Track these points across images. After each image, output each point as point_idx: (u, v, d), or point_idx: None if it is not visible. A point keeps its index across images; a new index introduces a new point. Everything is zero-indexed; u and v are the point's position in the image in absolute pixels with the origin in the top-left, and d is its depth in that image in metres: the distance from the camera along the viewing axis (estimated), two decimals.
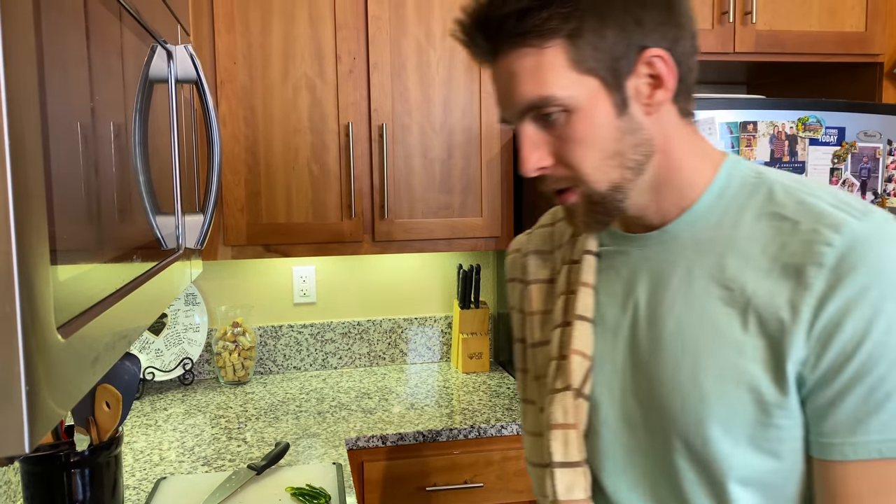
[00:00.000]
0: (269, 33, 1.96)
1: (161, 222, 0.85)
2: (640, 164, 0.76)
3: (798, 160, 1.87)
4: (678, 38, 0.74)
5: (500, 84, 0.77)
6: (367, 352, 2.47)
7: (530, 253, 0.99)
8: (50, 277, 0.42)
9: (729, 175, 0.80)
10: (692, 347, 0.77)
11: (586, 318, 0.85)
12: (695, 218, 0.79)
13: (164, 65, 0.88)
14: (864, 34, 2.12)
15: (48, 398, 0.41)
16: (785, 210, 0.75)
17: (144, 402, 2.15)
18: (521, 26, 0.71)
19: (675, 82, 0.74)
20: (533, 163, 0.76)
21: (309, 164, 2.02)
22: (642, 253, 0.83)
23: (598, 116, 0.73)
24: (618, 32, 0.72)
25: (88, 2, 0.57)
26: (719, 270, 0.76)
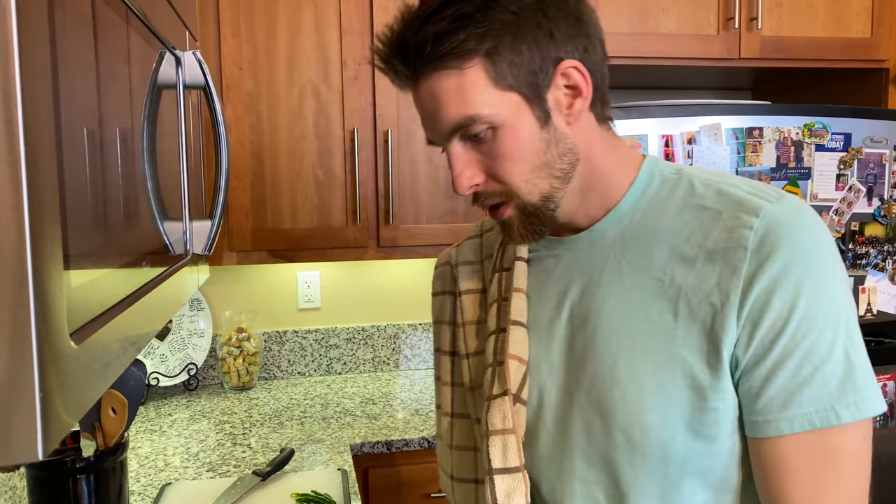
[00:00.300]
0: (274, 39, 1.97)
1: (169, 228, 0.85)
2: (567, 172, 0.79)
3: (804, 166, 1.86)
4: (588, 47, 0.77)
5: (425, 107, 0.78)
6: (371, 357, 2.47)
7: (460, 264, 1.00)
8: (63, 283, 0.42)
9: (650, 173, 0.83)
10: (627, 340, 0.78)
11: (521, 322, 0.86)
12: (620, 216, 0.82)
13: (172, 71, 0.88)
14: (870, 40, 2.12)
15: (60, 406, 0.41)
16: (706, 201, 0.79)
17: (149, 408, 2.15)
18: (439, 49, 0.73)
19: (590, 91, 0.77)
20: (465, 181, 0.78)
21: (314, 170, 2.02)
22: (572, 254, 0.86)
23: (522, 130, 0.75)
24: (533, 47, 0.74)
25: (99, 8, 0.57)
26: (648, 263, 0.79)
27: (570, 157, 0.78)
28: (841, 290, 0.74)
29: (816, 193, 1.89)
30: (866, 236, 1.95)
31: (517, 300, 0.87)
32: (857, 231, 1.94)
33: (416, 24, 0.74)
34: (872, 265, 1.96)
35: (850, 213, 1.93)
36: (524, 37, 0.74)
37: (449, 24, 0.72)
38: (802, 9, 2.09)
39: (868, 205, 1.94)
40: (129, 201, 0.67)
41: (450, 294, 1.01)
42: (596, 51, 0.79)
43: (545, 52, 0.75)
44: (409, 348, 2.49)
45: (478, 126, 0.75)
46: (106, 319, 0.52)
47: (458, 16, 0.73)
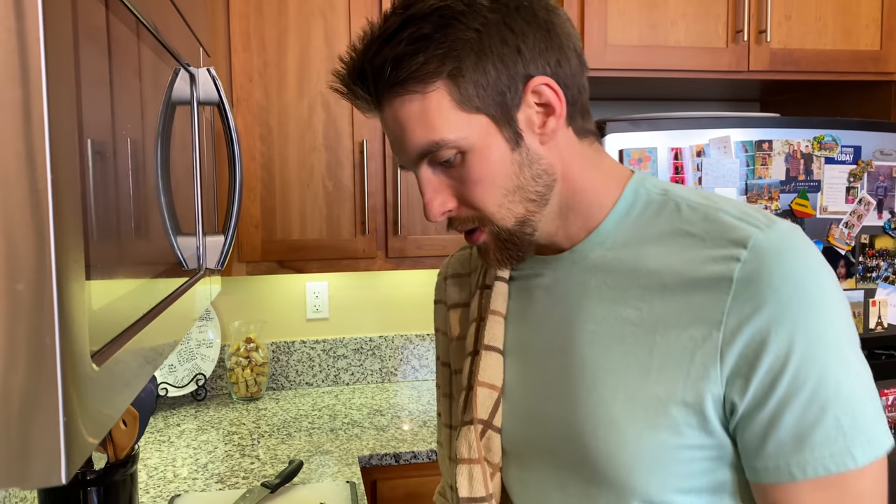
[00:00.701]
0: (284, 51, 1.98)
1: (182, 243, 0.85)
2: (543, 194, 0.75)
3: (814, 179, 1.86)
4: (561, 60, 0.73)
5: (390, 132, 0.76)
6: (379, 368, 2.47)
7: (449, 276, 0.98)
8: (86, 307, 0.42)
9: (635, 193, 0.79)
10: (603, 372, 0.74)
11: (494, 347, 0.83)
12: (602, 237, 0.78)
13: (186, 87, 0.88)
14: (880, 52, 2.12)
15: (83, 428, 0.41)
16: (691, 227, 0.74)
17: (157, 418, 2.15)
18: (399, 74, 0.70)
19: (564, 107, 0.73)
20: (437, 208, 0.75)
21: (323, 181, 2.03)
22: (553, 275, 0.82)
23: (492, 154, 0.72)
24: (499, 66, 0.70)
25: (114, 25, 0.57)
26: (627, 290, 0.75)
27: (546, 178, 0.75)
28: (841, 323, 0.69)
29: (826, 206, 1.88)
30: (876, 249, 1.94)
31: (493, 323, 0.84)
32: (868, 244, 1.93)
33: (375, 47, 0.71)
34: (883, 278, 1.95)
35: (861, 225, 1.92)
36: (489, 55, 0.70)
37: (407, 47, 0.69)
38: (811, 21, 2.09)
39: (878, 217, 1.94)
40: (145, 218, 0.67)
41: (442, 304, 0.99)
42: (570, 63, 0.74)
43: (513, 70, 0.71)
44: (416, 359, 2.49)
45: (445, 152, 0.72)
46: (125, 339, 0.52)
47: (417, 37, 0.69)
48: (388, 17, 0.73)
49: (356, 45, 0.74)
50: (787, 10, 2.08)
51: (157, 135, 0.76)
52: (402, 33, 0.70)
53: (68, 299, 0.39)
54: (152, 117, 0.73)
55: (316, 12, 1.98)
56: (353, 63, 0.73)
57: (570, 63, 0.74)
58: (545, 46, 0.72)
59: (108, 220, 0.52)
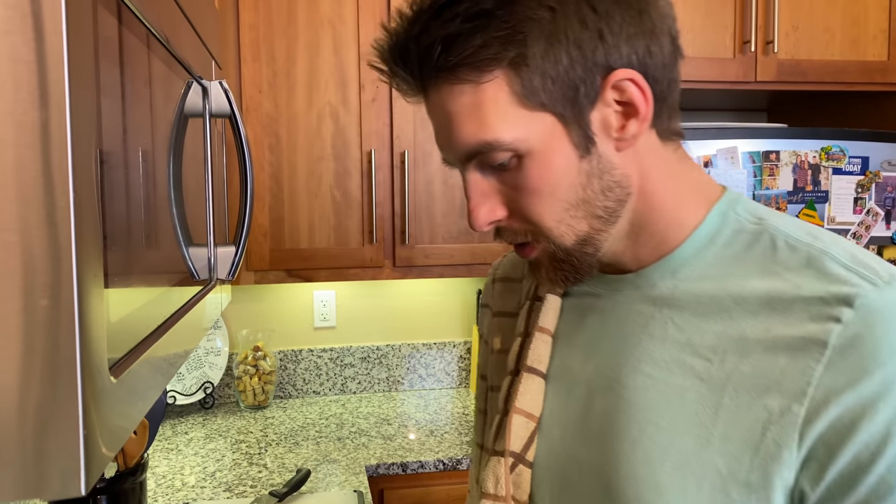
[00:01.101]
0: (294, 62, 1.99)
1: (194, 254, 0.86)
2: (613, 210, 0.63)
3: (821, 189, 1.86)
4: (651, 47, 0.60)
5: (436, 122, 0.64)
6: (385, 377, 2.47)
7: (498, 279, 0.87)
8: (104, 320, 0.43)
9: (723, 217, 0.66)
10: (652, 426, 0.62)
11: (537, 371, 0.72)
12: (676, 266, 0.66)
13: (199, 100, 0.89)
14: (887, 63, 2.12)
15: (101, 440, 0.42)
16: (787, 269, 0.61)
17: (166, 426, 2.16)
18: (449, 58, 0.58)
19: (651, 108, 0.60)
20: (483, 216, 0.64)
21: (332, 191, 2.04)
22: (612, 299, 0.70)
23: (556, 160, 0.60)
24: (574, 54, 0.57)
25: (129, 40, 0.58)
26: (698, 335, 0.63)
27: (618, 192, 0.62)
28: None
29: (834, 217, 1.88)
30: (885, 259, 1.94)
31: (539, 342, 0.73)
32: (876, 254, 1.93)
33: (423, 20, 0.58)
34: None
35: (869, 236, 1.92)
36: (562, 40, 0.57)
37: (462, 24, 0.56)
38: (818, 32, 2.10)
39: (886, 228, 1.94)
40: (157, 230, 0.68)
41: (489, 309, 0.88)
42: (662, 50, 0.60)
43: (591, 60, 0.58)
44: (423, 368, 2.49)
45: (498, 154, 0.60)
46: (141, 350, 0.53)
47: (475, 13, 0.56)
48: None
49: (402, 12, 0.61)
50: (795, 21, 2.08)
51: (170, 147, 0.77)
52: (458, 6, 0.57)
53: (88, 313, 0.39)
54: (165, 129, 0.74)
55: (325, 22, 2.00)
56: (396, 39, 0.61)
57: (663, 51, 0.61)
58: (634, 31, 0.59)
59: (124, 232, 0.53)
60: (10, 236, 0.36)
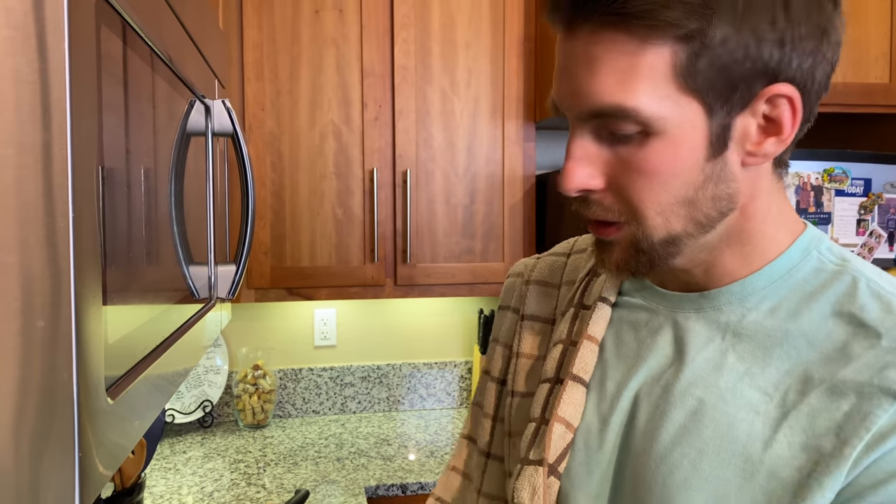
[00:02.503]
0: (297, 81, 2.00)
1: (194, 273, 0.86)
2: (713, 220, 0.60)
3: (824, 211, 1.86)
4: (817, 72, 0.56)
5: (570, 65, 0.58)
6: (386, 396, 2.46)
7: (533, 282, 0.83)
8: (102, 341, 0.43)
9: (804, 252, 0.64)
10: (696, 452, 0.60)
11: (581, 380, 0.69)
12: (747, 293, 0.63)
13: (201, 118, 0.89)
14: (889, 86, 2.13)
15: (97, 462, 0.41)
16: (867, 314, 0.58)
17: (164, 445, 2.14)
18: (627, 5, 0.53)
19: (795, 132, 0.57)
20: (578, 180, 0.59)
21: (333, 209, 2.04)
22: (669, 317, 0.67)
23: (684, 151, 0.56)
24: (751, 50, 0.54)
25: (131, 58, 0.58)
26: (760, 368, 0.60)
27: (726, 204, 0.59)
28: None
29: (837, 238, 1.88)
30: None
31: (586, 351, 0.70)
32: None
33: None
34: None
35: (872, 258, 1.92)
36: (746, 32, 0.53)
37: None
38: None
39: (889, 250, 1.93)
40: (158, 248, 0.68)
41: (514, 312, 0.84)
42: (823, 79, 0.58)
43: (762, 62, 0.54)
44: (424, 388, 2.48)
45: (628, 125, 0.56)
46: (139, 371, 0.53)
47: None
48: None
49: None
50: None
51: (172, 166, 0.77)
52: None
53: (86, 334, 0.39)
54: (167, 148, 0.74)
55: (329, 42, 2.01)
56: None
57: (823, 80, 0.58)
58: (812, 48, 0.55)
59: (124, 252, 0.53)
60: (9, 257, 0.36)
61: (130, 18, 0.53)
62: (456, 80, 2.08)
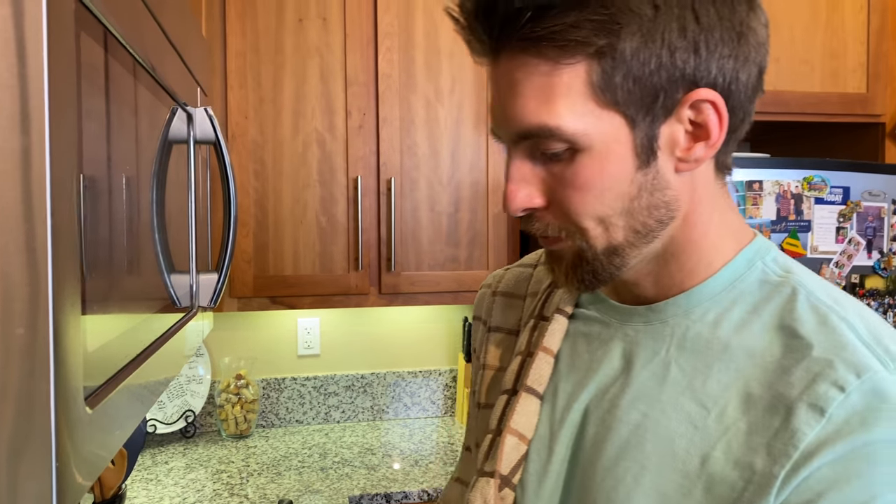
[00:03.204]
0: (280, 89, 2.00)
1: (175, 281, 0.85)
2: (652, 229, 0.60)
3: (804, 219, 1.88)
4: (740, 74, 0.57)
5: (498, 91, 0.60)
6: (370, 405, 2.45)
7: (499, 294, 0.84)
8: (81, 349, 0.42)
9: (749, 263, 0.64)
10: (637, 466, 0.61)
11: (535, 391, 0.70)
12: (692, 305, 0.63)
13: (183, 126, 0.89)
14: (867, 95, 2.16)
15: (76, 471, 0.41)
16: (802, 327, 0.58)
17: (146, 455, 2.12)
18: (535, 29, 0.54)
19: (723, 136, 0.57)
20: (520, 201, 0.61)
21: (317, 217, 2.04)
22: (619, 329, 0.68)
23: (612, 164, 0.57)
24: (666, 60, 0.54)
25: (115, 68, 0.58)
26: (701, 381, 0.60)
27: (664, 212, 0.60)
28: None
29: (817, 246, 1.90)
30: (867, 289, 1.95)
31: (541, 363, 0.70)
32: (858, 283, 1.95)
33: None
34: None
35: (851, 265, 1.94)
36: (658, 42, 0.54)
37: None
38: (799, 65, 2.13)
39: (868, 257, 1.95)
40: (139, 256, 0.67)
41: (483, 324, 0.85)
42: (750, 80, 0.58)
43: (679, 70, 0.55)
44: (408, 396, 2.47)
45: (555, 143, 0.57)
46: (119, 380, 0.52)
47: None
48: None
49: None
50: (776, 53, 2.11)
51: (154, 174, 0.76)
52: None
53: (64, 342, 0.39)
54: (149, 156, 0.74)
55: (312, 51, 2.01)
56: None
57: (749, 81, 0.58)
58: (729, 52, 0.56)
59: (105, 260, 0.52)
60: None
61: (111, 26, 0.53)
62: (440, 88, 2.09)
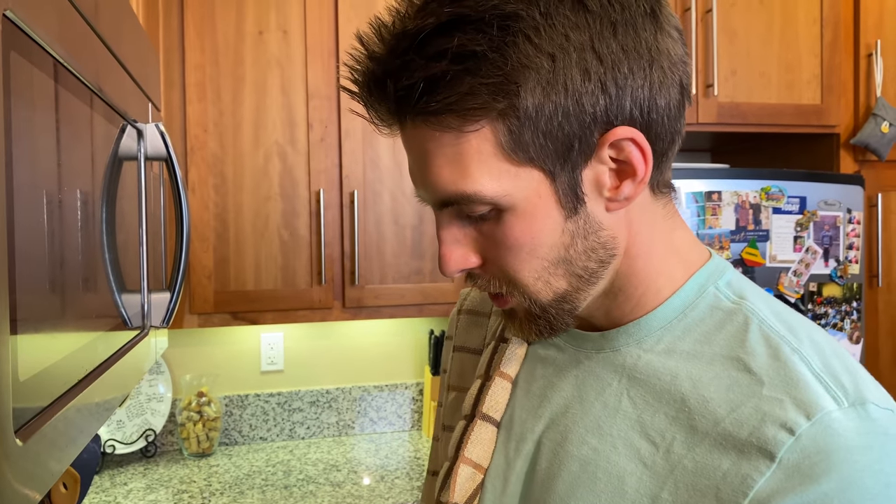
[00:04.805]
0: (240, 102, 1.97)
1: (126, 301, 0.83)
2: (595, 271, 0.58)
3: (762, 228, 1.91)
4: (658, 100, 0.54)
5: (412, 158, 0.57)
6: (335, 421, 2.42)
7: (464, 312, 0.81)
8: (10, 381, 0.40)
9: (700, 289, 0.61)
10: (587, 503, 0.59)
11: (492, 419, 0.67)
12: (643, 334, 0.61)
13: (133, 143, 0.87)
14: (821, 107, 2.20)
15: (12, 497, 0.39)
16: (752, 360, 0.55)
17: (104, 477, 2.07)
18: (431, 103, 0.51)
19: (650, 169, 0.55)
20: (455, 264, 0.58)
21: (279, 231, 2.01)
22: (573, 356, 0.65)
23: (539, 219, 0.55)
24: (572, 108, 0.51)
25: (56, 87, 0.56)
26: (650, 414, 0.58)
27: (603, 253, 0.58)
28: None
29: (775, 255, 1.93)
30: (824, 297, 1.99)
31: (498, 388, 0.68)
32: (816, 292, 1.98)
33: (403, 55, 0.51)
34: (831, 325, 1.99)
35: (808, 273, 1.97)
36: (561, 92, 0.51)
37: (450, 65, 0.49)
38: (756, 77, 2.17)
39: (825, 266, 1.99)
40: (86, 277, 0.65)
41: (451, 342, 0.83)
42: (670, 103, 0.55)
43: (590, 115, 0.52)
44: (374, 411, 2.45)
45: (477, 207, 0.55)
46: (57, 408, 0.50)
47: (465, 54, 0.49)
48: (428, 3, 0.51)
49: (380, 31, 0.53)
50: (733, 66, 2.15)
51: (103, 190, 0.74)
52: (445, 42, 0.50)
53: None
54: (98, 173, 0.72)
55: (272, 63, 1.99)
56: (372, 70, 0.54)
57: (671, 103, 0.55)
58: (642, 82, 0.53)
59: (45, 278, 0.50)
60: None
61: (48, 46, 0.51)
62: None
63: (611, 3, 0.52)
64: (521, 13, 0.50)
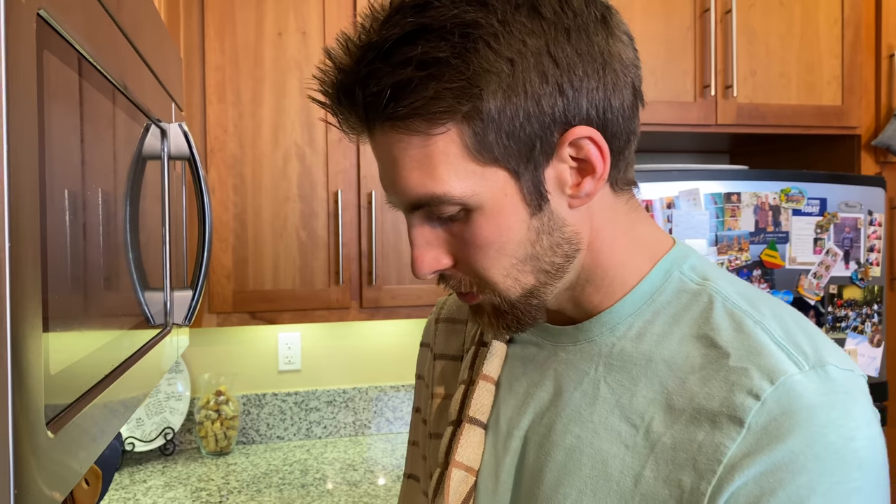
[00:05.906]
0: (260, 103, 1.99)
1: (149, 298, 0.84)
2: (561, 266, 0.61)
3: (782, 230, 1.89)
4: (612, 101, 0.58)
5: (380, 163, 0.60)
6: (352, 420, 2.43)
7: (441, 320, 0.84)
8: (42, 374, 0.41)
9: (665, 274, 0.64)
10: (576, 491, 0.61)
11: (479, 421, 0.69)
12: (614, 322, 0.64)
13: (157, 142, 0.88)
14: (842, 108, 2.18)
15: (37, 497, 0.40)
16: (718, 336, 0.59)
17: (123, 474, 2.09)
18: (398, 108, 0.54)
19: (608, 166, 0.58)
20: (427, 265, 0.61)
21: (297, 231, 2.02)
22: (551, 350, 0.68)
23: (506, 216, 0.58)
24: (532, 109, 0.55)
25: (85, 85, 0.57)
26: (628, 398, 0.61)
27: (567, 248, 0.61)
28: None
29: (795, 257, 1.91)
30: (845, 299, 1.97)
31: (482, 391, 0.70)
32: (836, 294, 1.96)
33: (370, 63, 0.54)
34: (852, 328, 1.97)
35: (829, 276, 1.95)
36: (521, 94, 0.54)
37: (415, 72, 0.53)
38: (775, 78, 2.15)
39: (845, 268, 1.97)
40: (111, 276, 0.66)
41: (430, 350, 0.85)
42: (624, 104, 0.58)
43: (549, 116, 0.55)
44: (391, 411, 2.46)
45: (446, 208, 0.58)
46: (85, 403, 0.51)
47: (429, 60, 0.53)
48: (392, 16, 0.55)
49: (346, 45, 0.57)
50: (752, 67, 2.14)
51: (127, 190, 0.75)
52: (410, 50, 0.53)
53: (24, 363, 0.38)
54: (122, 172, 0.73)
55: (292, 64, 2.00)
56: (341, 79, 0.57)
57: (625, 104, 0.59)
58: (596, 84, 0.56)
59: (72, 277, 0.51)
60: None
61: (79, 45, 0.52)
62: None
63: (564, 11, 0.55)
64: (481, 21, 0.53)
